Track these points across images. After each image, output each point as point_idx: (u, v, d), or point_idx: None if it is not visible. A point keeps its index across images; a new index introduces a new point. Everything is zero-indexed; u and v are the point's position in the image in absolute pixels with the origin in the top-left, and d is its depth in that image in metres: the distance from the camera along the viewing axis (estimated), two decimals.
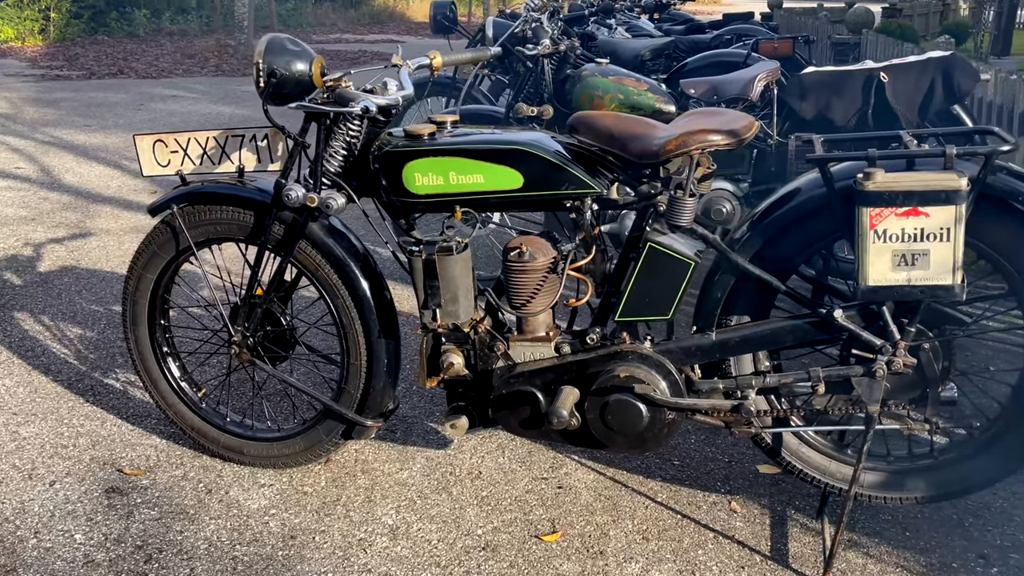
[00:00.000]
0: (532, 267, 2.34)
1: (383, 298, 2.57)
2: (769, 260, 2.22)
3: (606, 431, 2.32)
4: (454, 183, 2.31)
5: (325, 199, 2.42)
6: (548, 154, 2.26)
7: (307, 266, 2.57)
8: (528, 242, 2.36)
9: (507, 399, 2.40)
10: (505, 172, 2.28)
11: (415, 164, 2.32)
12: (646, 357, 2.30)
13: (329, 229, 2.56)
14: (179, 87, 11.06)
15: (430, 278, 2.36)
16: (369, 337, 2.56)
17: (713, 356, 2.30)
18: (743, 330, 2.27)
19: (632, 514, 2.57)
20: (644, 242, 2.26)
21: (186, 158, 2.62)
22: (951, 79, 3.51)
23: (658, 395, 2.25)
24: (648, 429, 2.29)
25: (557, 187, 2.27)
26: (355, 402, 2.64)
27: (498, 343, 2.44)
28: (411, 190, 2.35)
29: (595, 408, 2.31)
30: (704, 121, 2.21)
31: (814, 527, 2.50)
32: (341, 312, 2.57)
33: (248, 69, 12.68)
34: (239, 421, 2.86)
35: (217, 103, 9.67)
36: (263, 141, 2.56)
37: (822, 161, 2.08)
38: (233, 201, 2.57)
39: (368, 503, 2.64)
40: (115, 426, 3.07)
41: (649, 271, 2.26)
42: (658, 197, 2.27)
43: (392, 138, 2.39)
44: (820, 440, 2.38)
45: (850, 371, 2.19)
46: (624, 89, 3.81)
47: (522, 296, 2.38)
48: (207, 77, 12.16)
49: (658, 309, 2.29)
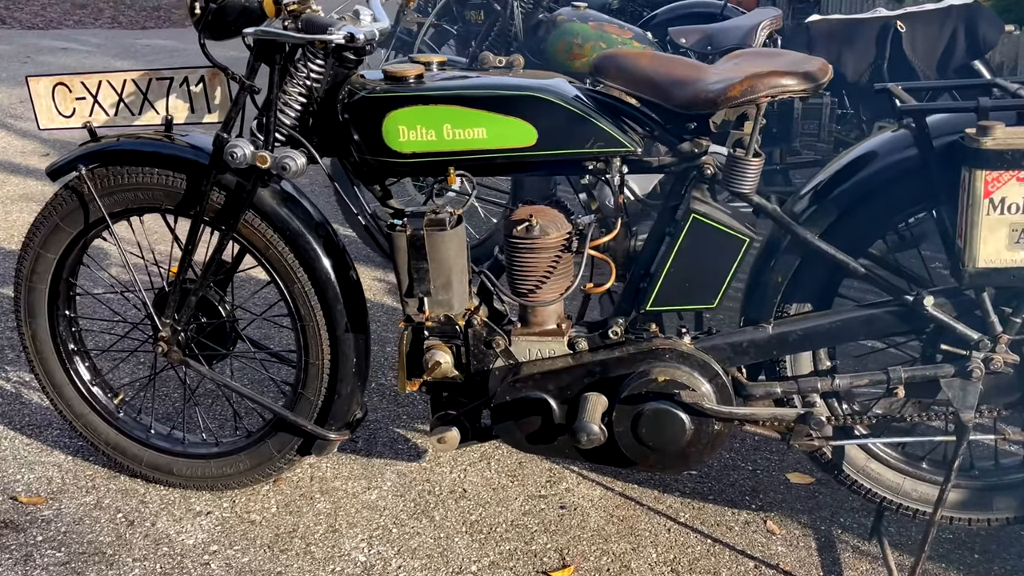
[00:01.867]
0: (543, 245, 1.93)
1: (350, 281, 2.13)
2: (841, 236, 1.85)
3: (638, 447, 1.93)
4: (449, 138, 1.88)
5: (280, 159, 1.95)
6: (569, 103, 1.84)
7: (254, 243, 2.10)
8: (538, 213, 1.95)
9: (511, 407, 2.00)
10: (514, 125, 1.86)
11: (399, 115, 1.88)
12: (687, 356, 1.91)
13: (283, 196, 2.10)
14: (70, 39, 10.21)
15: (417, 259, 1.93)
16: (334, 330, 2.12)
17: (769, 354, 1.93)
18: (807, 322, 1.90)
19: (654, 539, 2.19)
20: (687, 214, 1.87)
21: (96, 107, 2.13)
22: (975, 30, 3.21)
23: (706, 403, 1.86)
24: (691, 444, 1.91)
25: (579, 144, 1.86)
26: (315, 410, 2.20)
27: (497, 338, 2.02)
28: (393, 147, 1.90)
29: (625, 419, 1.92)
30: (767, 62, 1.82)
31: (869, 550, 2.17)
32: (298, 300, 2.11)
33: (148, 21, 11.86)
34: (166, 434, 2.38)
35: (115, 58, 8.90)
36: (197, 85, 2.08)
37: (920, 113, 1.71)
38: (159, 161, 2.09)
39: (332, 534, 2.20)
40: (6, 441, 2.55)
41: (692, 249, 1.87)
42: (703, 158, 1.88)
43: (367, 82, 1.94)
44: (892, 453, 2.04)
45: (938, 371, 1.84)
46: (607, 36, 3.40)
47: (530, 280, 1.97)
48: (102, 29, 11.30)
49: (701, 296, 1.91)
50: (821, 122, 3.27)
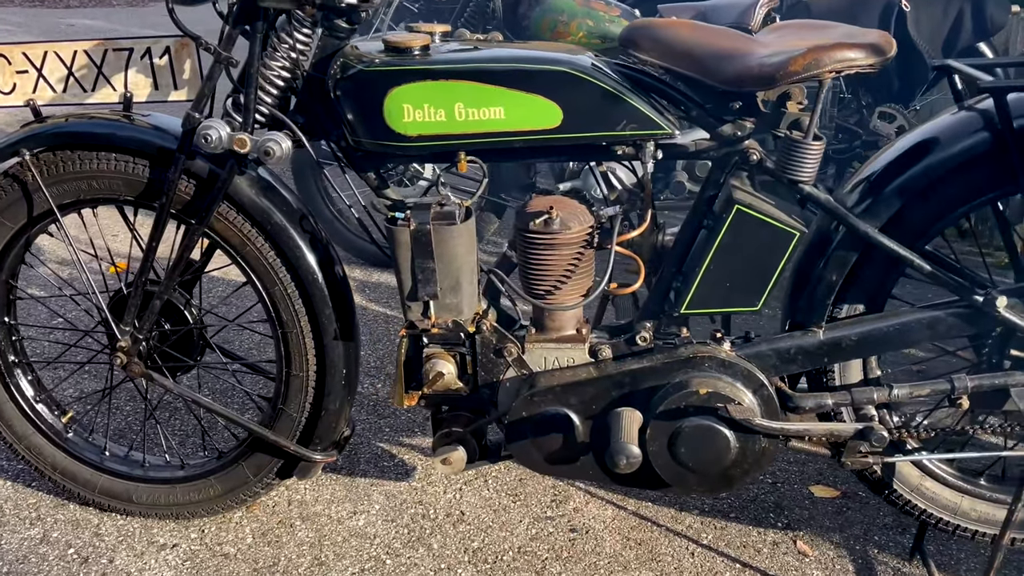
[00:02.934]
0: (564, 240, 1.73)
1: (338, 281, 1.90)
2: (903, 230, 1.68)
3: (676, 468, 1.74)
4: (461, 119, 1.66)
5: (262, 142, 1.72)
6: (600, 79, 1.64)
7: (228, 239, 1.86)
8: (558, 205, 1.74)
9: (528, 424, 1.79)
10: (537, 104, 1.64)
11: (403, 92, 1.65)
12: (729, 365, 1.72)
13: (261, 185, 1.86)
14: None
15: (422, 257, 1.70)
16: (321, 338, 1.89)
17: (820, 361, 1.75)
18: (862, 325, 1.73)
19: (678, 566, 2.01)
20: (728, 204, 1.68)
21: (41, 81, 1.86)
22: (983, 10, 3.08)
23: (754, 418, 1.67)
24: (736, 464, 1.72)
25: (610, 126, 1.66)
26: (297, 428, 1.97)
27: (509, 345, 1.81)
28: (396, 129, 1.68)
29: (661, 437, 1.72)
30: (824, 34, 1.63)
31: (912, 572, 2.00)
32: (280, 304, 1.88)
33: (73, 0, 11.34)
34: (124, 456, 2.13)
35: (39, 38, 8.46)
36: (162, 58, 1.83)
37: (1003, 90, 1.54)
38: (117, 145, 1.83)
39: (319, 567, 1.98)
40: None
41: (735, 245, 1.68)
42: (746, 142, 1.69)
43: (364, 54, 1.71)
44: (947, 470, 1.88)
45: (1008, 379, 1.68)
46: (593, 13, 3.20)
47: (548, 280, 1.76)
48: (22, 8, 10.78)
49: (743, 297, 1.72)
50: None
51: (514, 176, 3.35)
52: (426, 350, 1.84)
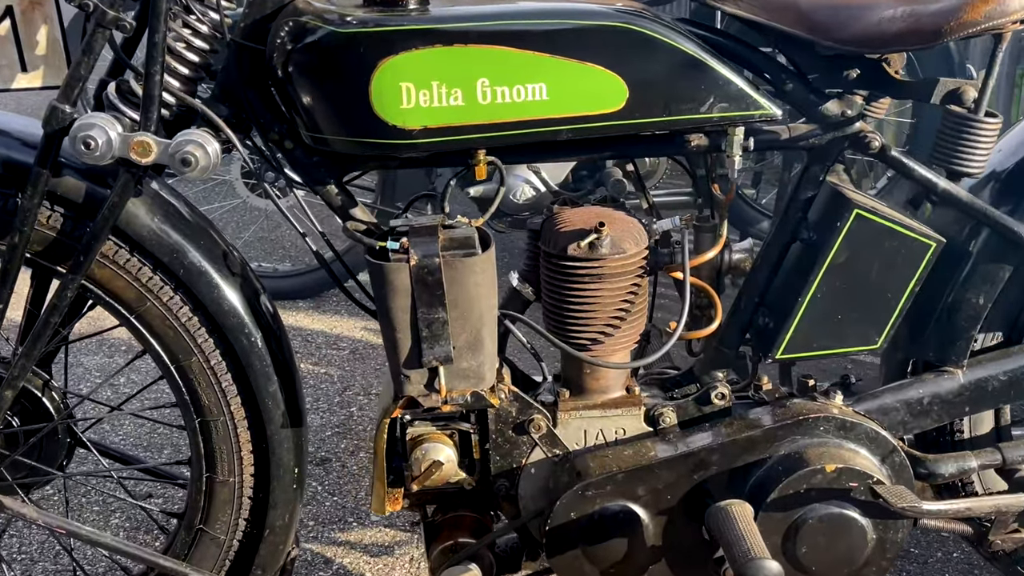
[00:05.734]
0: (619, 268, 1.29)
1: (281, 345, 1.37)
2: None
3: (792, 573, 1.31)
4: (486, 102, 1.17)
5: (177, 146, 1.17)
6: (679, 41, 1.20)
7: (118, 292, 1.30)
8: (608, 220, 1.29)
9: (579, 528, 1.32)
10: (594, 77, 1.19)
11: (400, 64, 1.16)
12: (851, 427, 1.32)
13: (166, 210, 1.31)
14: None
15: (429, 304, 1.21)
16: (263, 426, 1.36)
17: (960, 412, 1.38)
18: (1011, 362, 1.36)
19: None
20: (839, 209, 1.29)
21: None
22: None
23: (897, 500, 1.27)
24: (870, 560, 1.32)
25: (692, 107, 1.22)
26: (226, 557, 1.42)
27: (536, 417, 1.34)
28: (388, 120, 1.18)
29: (774, 535, 1.29)
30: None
31: None
32: (198, 381, 1.33)
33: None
34: None
35: None
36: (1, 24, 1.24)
37: None
38: None
39: None
40: None
41: (851, 262, 1.29)
42: (857, 124, 1.30)
43: (330, 10, 1.19)
44: None
45: None
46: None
47: (594, 324, 1.32)
48: None
49: (860, 332, 1.34)
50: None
51: (413, 181, 2.86)
52: (411, 429, 1.35)
